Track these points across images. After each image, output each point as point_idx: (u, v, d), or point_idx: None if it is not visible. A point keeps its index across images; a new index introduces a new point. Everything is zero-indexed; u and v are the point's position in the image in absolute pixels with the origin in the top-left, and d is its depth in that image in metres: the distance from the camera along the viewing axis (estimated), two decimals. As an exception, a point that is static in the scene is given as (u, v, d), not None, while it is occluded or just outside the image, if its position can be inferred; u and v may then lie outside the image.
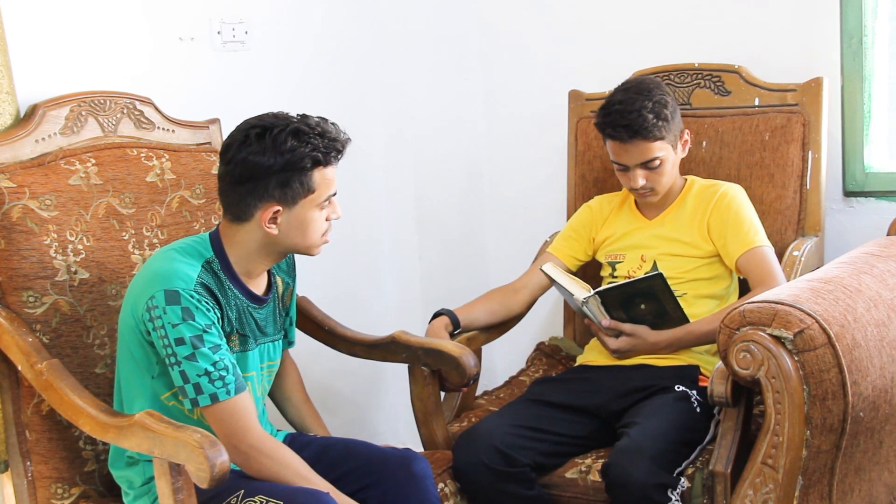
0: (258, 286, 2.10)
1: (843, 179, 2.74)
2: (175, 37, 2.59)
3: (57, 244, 2.12)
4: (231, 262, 2.03)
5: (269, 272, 2.15)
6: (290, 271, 2.26)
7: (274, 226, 1.99)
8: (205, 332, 1.91)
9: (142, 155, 2.31)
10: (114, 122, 2.32)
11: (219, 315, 1.97)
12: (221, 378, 1.91)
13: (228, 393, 1.92)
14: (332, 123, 2.04)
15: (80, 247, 2.16)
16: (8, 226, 2.07)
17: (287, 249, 2.07)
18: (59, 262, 2.12)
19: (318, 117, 2.03)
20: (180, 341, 1.89)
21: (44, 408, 2.09)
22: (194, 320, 1.90)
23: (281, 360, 2.31)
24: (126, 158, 2.28)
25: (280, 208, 1.98)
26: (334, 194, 2.05)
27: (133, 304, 1.96)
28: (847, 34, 2.67)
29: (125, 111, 2.34)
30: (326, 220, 2.05)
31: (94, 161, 2.22)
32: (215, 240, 2.04)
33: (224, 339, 1.96)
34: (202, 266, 1.98)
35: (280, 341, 2.22)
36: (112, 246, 2.21)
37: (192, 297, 1.91)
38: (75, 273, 2.14)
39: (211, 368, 1.90)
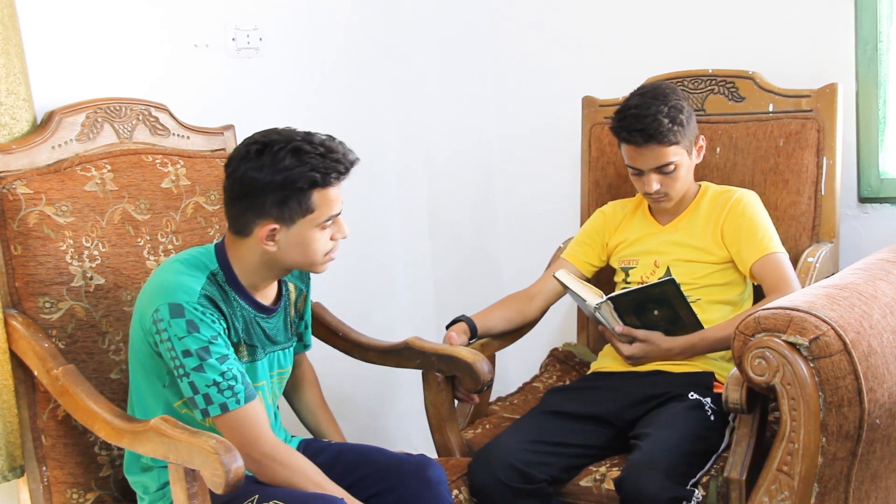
0: (266, 296, 2.10)
1: (857, 185, 2.73)
2: (190, 44, 2.60)
3: (73, 250, 2.13)
4: (236, 275, 2.02)
5: (279, 280, 2.14)
6: (304, 276, 2.25)
7: (272, 243, 1.97)
8: (211, 343, 1.90)
9: (157, 161, 2.32)
10: (129, 129, 2.33)
11: (224, 326, 1.97)
12: (231, 388, 1.91)
13: (238, 402, 1.91)
14: (339, 142, 1.99)
15: (95, 253, 2.17)
16: (24, 232, 2.08)
17: (289, 266, 2.05)
18: (74, 268, 2.13)
19: (324, 135, 1.99)
20: (187, 353, 1.89)
21: (59, 413, 2.10)
22: (199, 332, 1.90)
23: (298, 364, 2.33)
24: (141, 165, 2.29)
25: (277, 226, 1.96)
26: (338, 214, 2.01)
27: (140, 316, 1.96)
28: (862, 40, 2.66)
29: (140, 118, 2.35)
30: (332, 239, 2.02)
31: (109, 167, 2.23)
32: (220, 252, 2.03)
33: (231, 349, 1.96)
34: (207, 278, 1.97)
35: (291, 349, 2.21)
36: (127, 252, 2.22)
37: (195, 309, 1.91)
38: (91, 279, 2.15)
39: (220, 379, 1.90)
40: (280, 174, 1.91)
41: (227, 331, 1.97)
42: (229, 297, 2.00)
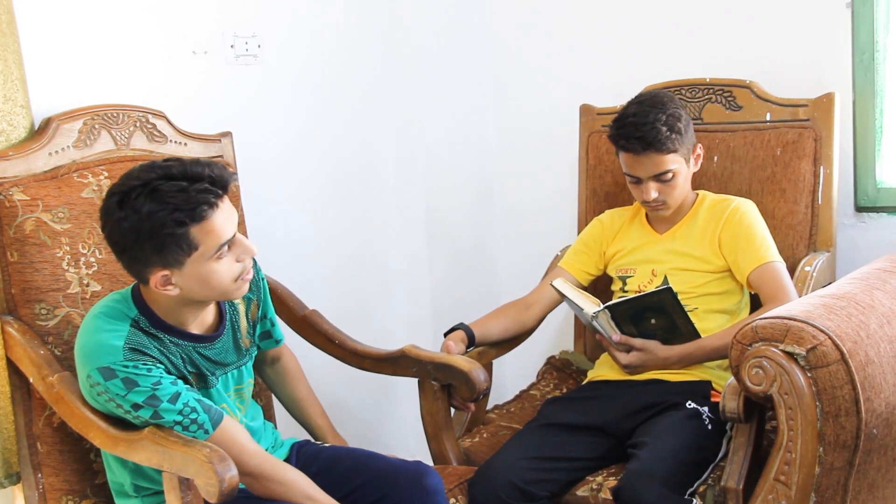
0: (202, 324, 2.01)
1: (854, 195, 2.74)
2: (188, 50, 2.60)
3: (69, 257, 2.12)
4: (159, 316, 1.92)
5: (217, 303, 2.05)
6: (252, 286, 2.11)
7: (171, 286, 1.86)
8: (155, 390, 1.84)
9: (154, 168, 2.32)
10: (126, 136, 2.33)
11: (163, 367, 1.89)
12: (193, 421, 1.86)
13: (207, 432, 1.88)
14: (206, 164, 1.84)
15: (92, 259, 2.16)
16: (21, 238, 2.07)
17: (203, 301, 1.95)
18: (71, 275, 2.12)
19: (188, 161, 1.85)
20: (137, 406, 1.84)
21: (55, 420, 2.09)
22: (139, 386, 1.83)
23: (279, 358, 2.32)
24: (138, 171, 2.29)
25: (167, 272, 1.84)
26: (230, 239, 1.86)
27: (79, 376, 1.91)
28: (859, 49, 2.67)
29: (138, 124, 2.35)
30: (238, 261, 1.90)
31: (106, 174, 2.23)
32: (137, 296, 1.94)
33: (180, 383, 1.90)
34: (130, 327, 1.89)
35: (249, 363, 2.15)
36: (124, 259, 2.21)
37: (126, 367, 1.83)
38: (87, 286, 2.15)
39: (179, 417, 1.85)
40: (145, 223, 1.79)
41: (167, 370, 1.90)
42: (158, 337, 1.92)
